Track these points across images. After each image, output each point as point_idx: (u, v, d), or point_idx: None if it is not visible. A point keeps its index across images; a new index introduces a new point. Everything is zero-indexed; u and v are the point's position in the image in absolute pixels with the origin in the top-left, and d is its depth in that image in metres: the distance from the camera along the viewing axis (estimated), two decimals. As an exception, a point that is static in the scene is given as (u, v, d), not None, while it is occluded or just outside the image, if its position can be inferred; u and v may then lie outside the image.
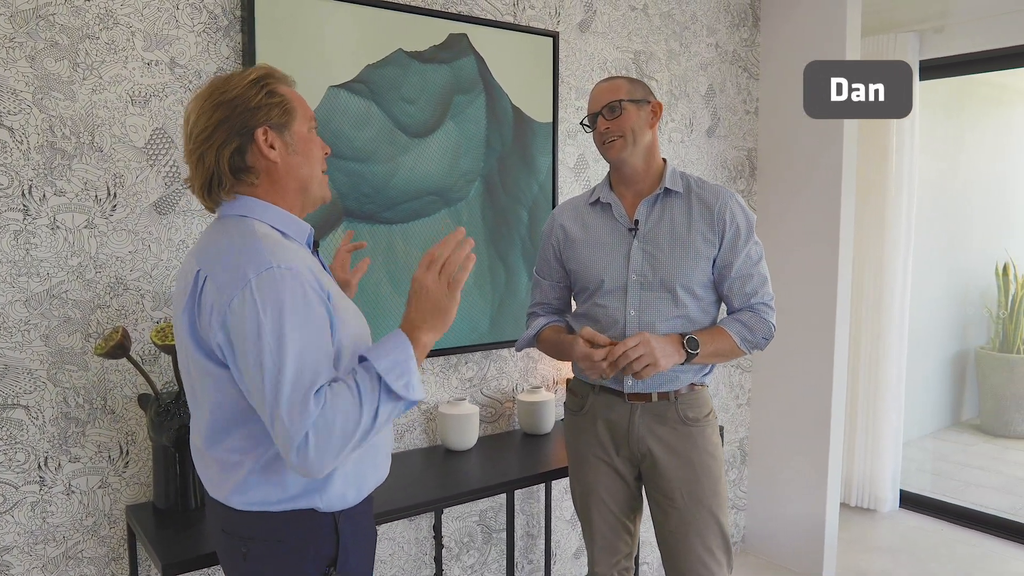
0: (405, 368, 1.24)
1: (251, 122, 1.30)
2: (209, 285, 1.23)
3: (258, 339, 1.17)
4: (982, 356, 5.31)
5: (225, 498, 1.33)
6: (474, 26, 2.44)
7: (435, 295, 1.29)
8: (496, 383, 2.67)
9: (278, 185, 1.35)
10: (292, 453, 1.16)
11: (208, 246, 1.30)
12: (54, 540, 1.88)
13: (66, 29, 1.81)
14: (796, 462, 3.33)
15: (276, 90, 1.34)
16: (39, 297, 1.82)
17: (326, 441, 1.17)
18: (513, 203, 2.60)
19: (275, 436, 1.18)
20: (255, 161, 1.32)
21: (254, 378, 1.18)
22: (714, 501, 1.97)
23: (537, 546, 2.83)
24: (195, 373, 1.29)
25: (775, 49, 3.28)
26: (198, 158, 1.31)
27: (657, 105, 1.96)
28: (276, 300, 1.19)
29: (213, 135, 1.29)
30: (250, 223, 1.31)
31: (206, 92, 1.32)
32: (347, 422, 1.18)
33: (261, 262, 1.21)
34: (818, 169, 3.16)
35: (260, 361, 1.17)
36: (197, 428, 1.33)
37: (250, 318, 1.18)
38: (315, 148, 1.40)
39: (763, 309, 1.96)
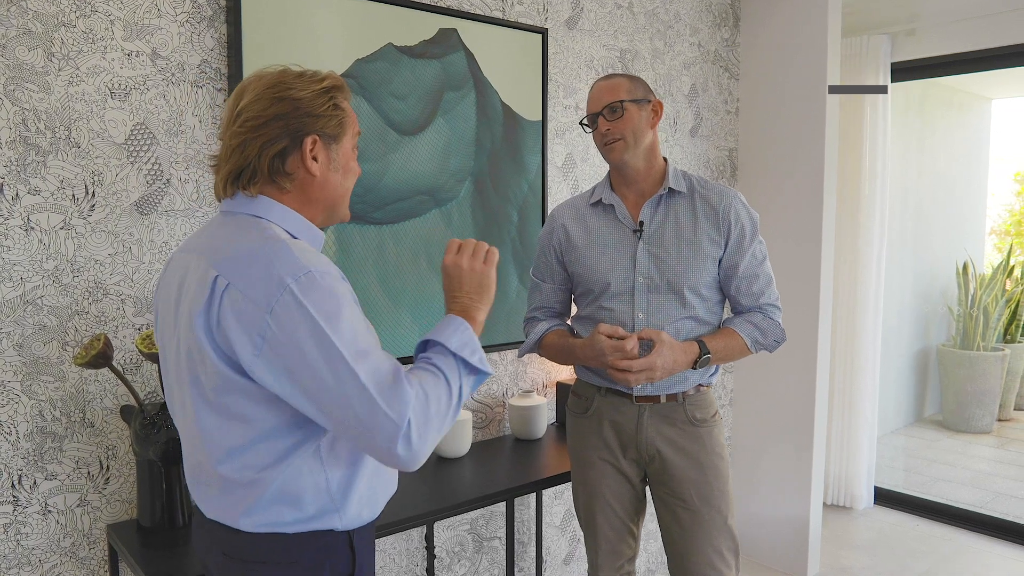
0: (475, 344, 1.25)
1: (306, 127, 1.22)
2: (233, 294, 1.13)
3: (322, 345, 1.09)
4: (944, 353, 5.43)
5: (234, 520, 1.22)
6: (464, 21, 2.38)
7: (476, 273, 1.33)
8: (486, 388, 2.60)
9: (307, 197, 1.27)
10: (399, 444, 1.09)
11: (222, 247, 1.19)
12: (29, 564, 1.75)
13: (40, 16, 1.69)
14: (779, 462, 3.33)
15: (340, 104, 1.27)
16: (12, 303, 1.70)
17: (425, 425, 1.13)
18: (503, 203, 2.54)
19: (371, 436, 1.10)
20: (295, 168, 1.24)
21: (328, 384, 1.10)
22: (723, 502, 1.94)
23: (528, 553, 2.77)
24: (217, 386, 1.17)
25: (755, 49, 3.29)
26: (240, 143, 1.21)
27: (658, 104, 1.92)
28: (326, 302, 1.12)
29: (264, 127, 1.20)
30: (265, 224, 1.22)
31: (272, 79, 1.23)
32: (439, 403, 1.16)
33: (297, 267, 1.12)
34: (799, 168, 3.17)
35: (332, 366, 1.09)
36: (205, 444, 1.23)
37: (301, 326, 1.09)
38: (354, 167, 1.34)
39: (772, 311, 1.95)
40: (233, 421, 1.18)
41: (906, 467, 4.90)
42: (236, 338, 1.12)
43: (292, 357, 1.10)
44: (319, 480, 1.22)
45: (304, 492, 1.21)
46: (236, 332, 1.12)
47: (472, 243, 1.36)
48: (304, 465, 1.20)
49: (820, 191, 3.11)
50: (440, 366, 1.20)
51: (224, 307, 1.13)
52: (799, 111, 3.14)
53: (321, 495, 1.23)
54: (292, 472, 1.20)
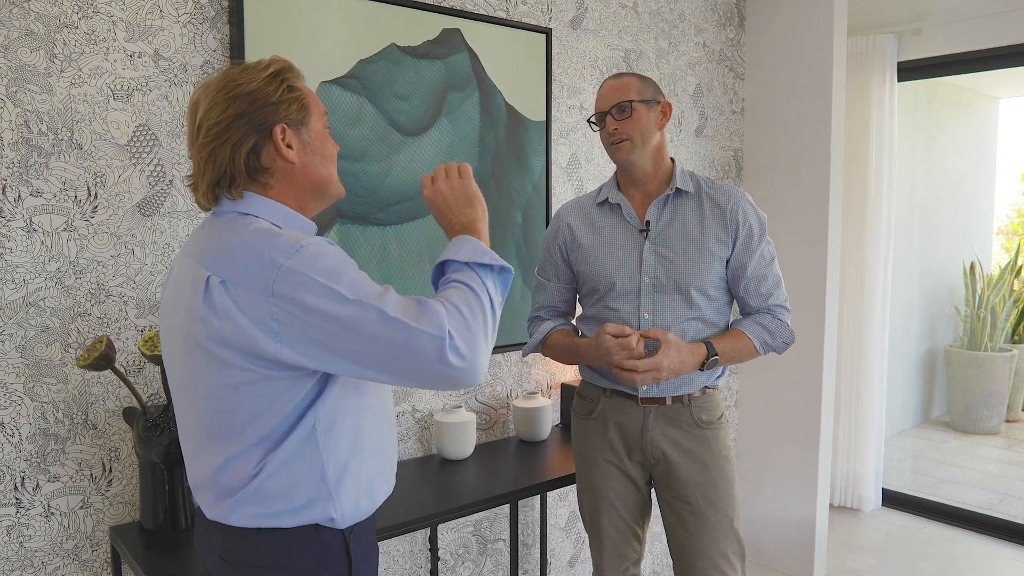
0: (483, 249, 1.25)
1: (270, 118, 1.21)
2: (232, 290, 1.12)
3: (335, 300, 1.09)
4: (951, 354, 5.40)
5: (224, 515, 1.22)
6: (467, 21, 2.37)
7: (456, 189, 1.33)
8: (490, 389, 2.59)
9: (293, 186, 1.26)
10: (449, 355, 1.09)
11: (211, 247, 1.18)
12: (32, 566, 1.75)
13: (42, 17, 1.69)
14: (785, 463, 3.31)
15: (295, 85, 1.25)
16: (14, 305, 1.69)
17: (468, 332, 1.13)
18: (507, 203, 2.53)
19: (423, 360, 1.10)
20: (271, 161, 1.22)
21: (360, 335, 1.09)
22: (728, 504, 1.92)
23: (532, 555, 2.76)
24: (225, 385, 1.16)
25: (760, 49, 3.27)
26: (209, 154, 1.20)
27: (667, 105, 1.91)
28: (324, 265, 1.11)
29: (228, 130, 1.19)
30: (251, 220, 1.20)
31: (219, 82, 1.21)
32: (473, 310, 1.15)
33: (287, 246, 1.12)
34: (805, 169, 3.15)
35: (355, 315, 1.09)
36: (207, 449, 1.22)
37: (308, 291, 1.09)
38: (331, 146, 1.32)
39: (780, 312, 1.93)
40: (238, 423, 1.17)
41: (914, 468, 4.87)
42: (247, 328, 1.12)
43: (311, 325, 1.10)
44: (314, 465, 1.20)
45: (297, 479, 1.20)
46: (245, 323, 1.12)
47: (441, 168, 1.35)
48: (298, 450, 1.19)
49: (826, 191, 3.09)
50: (459, 279, 1.20)
51: (224, 303, 1.12)
52: (805, 111, 3.13)
53: (315, 482, 1.21)
54: (286, 459, 1.19)
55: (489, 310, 1.19)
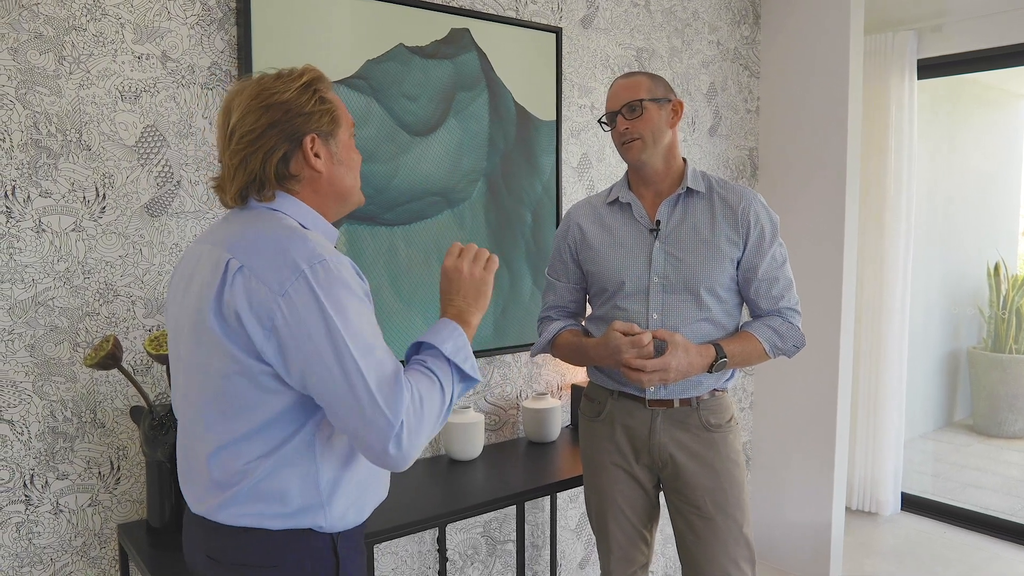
0: (467, 351, 1.27)
1: (302, 129, 1.24)
2: (246, 275, 1.14)
3: (328, 333, 1.11)
4: (975, 356, 5.30)
5: (213, 511, 1.22)
6: (476, 20, 2.36)
7: (475, 279, 1.34)
8: (500, 390, 2.58)
9: (319, 194, 1.29)
10: (391, 444, 1.11)
11: (236, 234, 1.21)
12: (41, 563, 1.77)
13: (51, 20, 1.71)
14: (801, 466, 3.27)
15: (326, 96, 1.28)
16: (24, 305, 1.71)
17: (419, 426, 1.15)
18: (516, 204, 2.52)
19: (365, 430, 1.12)
20: (299, 170, 1.26)
21: (332, 374, 1.12)
22: (738, 509, 1.90)
23: (542, 556, 2.74)
24: (223, 371, 1.17)
25: (776, 47, 3.23)
26: (241, 160, 1.22)
27: (678, 103, 1.89)
28: (337, 292, 1.14)
29: (261, 138, 1.21)
30: (281, 216, 1.24)
31: (254, 90, 1.24)
32: (432, 406, 1.17)
33: (312, 254, 1.14)
34: (821, 168, 3.11)
35: (338, 356, 1.11)
36: (201, 433, 1.22)
37: (312, 312, 1.12)
38: (356, 156, 1.35)
39: (791, 315, 1.91)
40: (234, 410, 1.18)
41: (935, 472, 4.79)
42: (247, 319, 1.14)
43: (300, 342, 1.12)
44: (309, 473, 1.21)
45: (291, 485, 1.21)
46: (247, 313, 1.14)
47: (473, 248, 1.37)
48: (295, 457, 1.20)
49: (842, 191, 3.05)
50: (434, 370, 1.21)
51: (236, 288, 1.14)
52: (821, 109, 3.08)
53: (309, 490, 1.22)
54: (282, 464, 1.19)
55: (445, 411, 1.21)
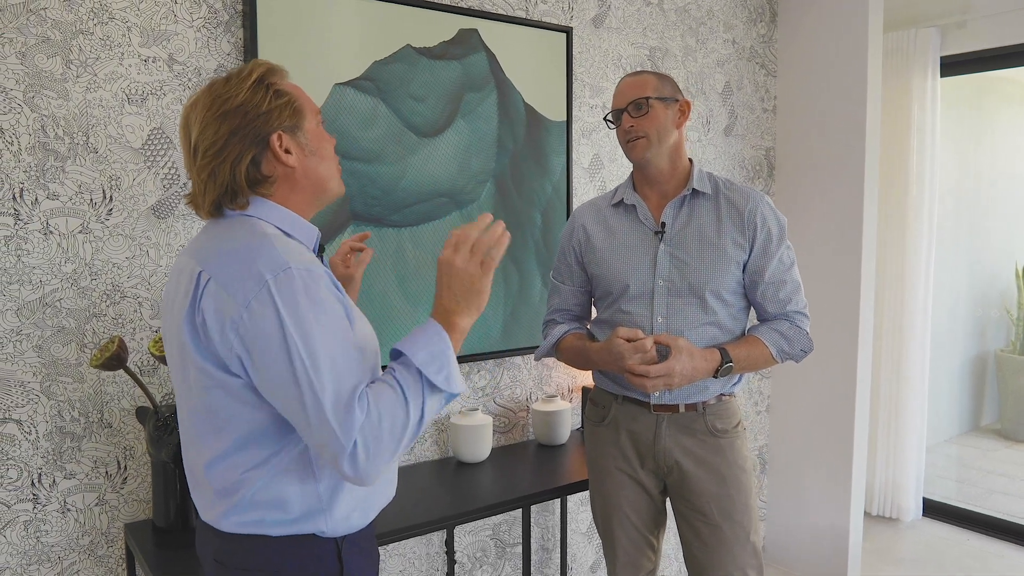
0: (444, 360, 1.17)
1: (264, 129, 1.20)
2: (214, 288, 1.13)
3: (286, 347, 1.08)
4: (1002, 359, 5.18)
5: (217, 520, 1.23)
6: (485, 21, 2.35)
7: (468, 274, 1.21)
8: (509, 392, 2.57)
9: (295, 189, 1.26)
10: (344, 463, 1.08)
11: (208, 245, 1.20)
12: (49, 561, 1.79)
13: (58, 24, 1.73)
14: (818, 470, 3.22)
15: (281, 88, 1.24)
16: (31, 306, 1.73)
17: (376, 445, 1.10)
18: (526, 205, 2.50)
19: (320, 447, 1.10)
20: (272, 170, 1.23)
21: (287, 389, 1.09)
22: (745, 516, 1.87)
23: (552, 560, 2.73)
24: (202, 385, 1.18)
25: (793, 45, 3.18)
26: (209, 174, 1.20)
27: (685, 103, 1.87)
28: (299, 304, 1.10)
29: (225, 149, 1.18)
30: (255, 222, 1.21)
31: (206, 100, 1.20)
32: (395, 423, 1.11)
33: (277, 263, 1.12)
34: (839, 168, 3.06)
35: (293, 371, 1.08)
36: (197, 446, 1.23)
37: (272, 324, 1.09)
38: (327, 143, 1.31)
39: (799, 319, 1.87)
40: (219, 423, 1.18)
41: (959, 478, 4.69)
42: (215, 332, 1.13)
43: (260, 355, 1.11)
44: (307, 481, 1.21)
45: (290, 493, 1.20)
46: (215, 326, 1.13)
47: (471, 237, 1.22)
48: (292, 464, 1.20)
49: (860, 191, 2.99)
50: (401, 382, 1.14)
51: (207, 301, 1.14)
52: (840, 108, 3.03)
53: (309, 496, 1.21)
54: (278, 472, 1.19)
55: (412, 427, 1.13)
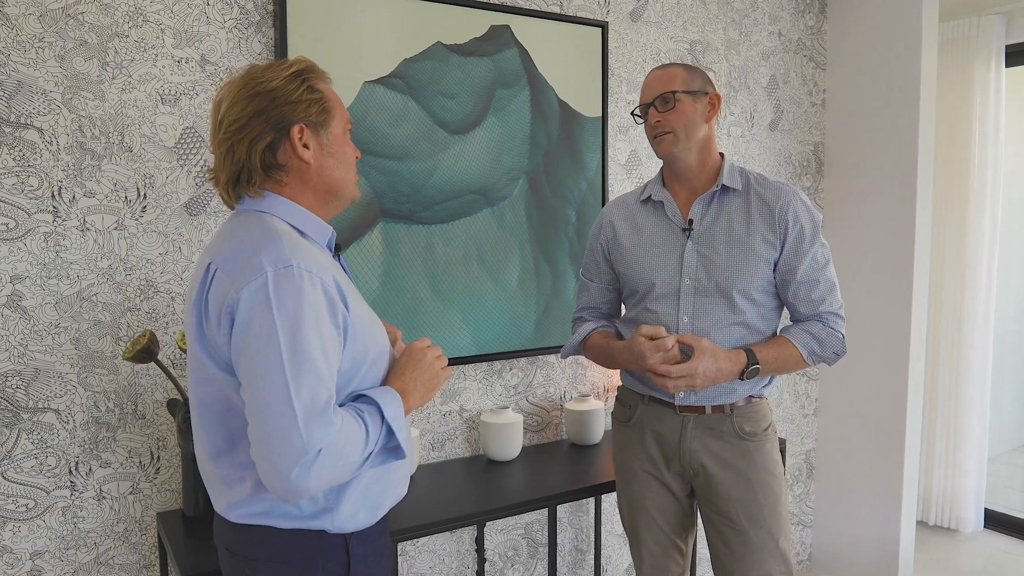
0: (402, 422, 1.23)
1: (288, 117, 1.22)
2: (219, 277, 1.15)
3: (270, 340, 1.09)
4: (1076, 364, 4.91)
5: (225, 511, 1.25)
6: (517, 17, 2.33)
7: (432, 369, 1.32)
8: (543, 390, 2.55)
9: (307, 186, 1.28)
10: (296, 468, 1.06)
11: (222, 239, 1.23)
12: (85, 546, 1.85)
13: (95, 28, 1.78)
14: (868, 476, 3.11)
15: (316, 86, 1.27)
16: (69, 300, 1.80)
17: (332, 463, 1.10)
18: (560, 202, 2.48)
19: (274, 451, 1.07)
20: (287, 159, 1.25)
21: (261, 381, 1.08)
22: (774, 522, 1.81)
23: (586, 561, 2.70)
24: (201, 378, 1.21)
25: (844, 37, 3.07)
26: (228, 149, 1.23)
27: (715, 97, 1.81)
28: (294, 302, 1.10)
29: (247, 127, 1.21)
30: (268, 218, 1.23)
31: (242, 80, 1.24)
32: (352, 452, 1.13)
33: (280, 257, 1.13)
34: (892, 164, 2.94)
35: (269, 365, 1.08)
36: (201, 438, 1.26)
37: (261, 314, 1.09)
38: (350, 151, 1.33)
39: (833, 320, 1.79)
40: (217, 417, 1.20)
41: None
42: (213, 317, 1.15)
43: (241, 338, 1.11)
44: None
45: None
46: (213, 312, 1.15)
47: (439, 349, 1.37)
48: None
49: (914, 188, 2.87)
50: (367, 421, 1.16)
51: (211, 293, 1.16)
52: (893, 101, 2.91)
53: (315, 495, 1.22)
54: None
55: (357, 465, 1.15)
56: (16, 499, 1.77)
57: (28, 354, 1.76)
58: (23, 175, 1.73)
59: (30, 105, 1.73)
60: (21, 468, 1.77)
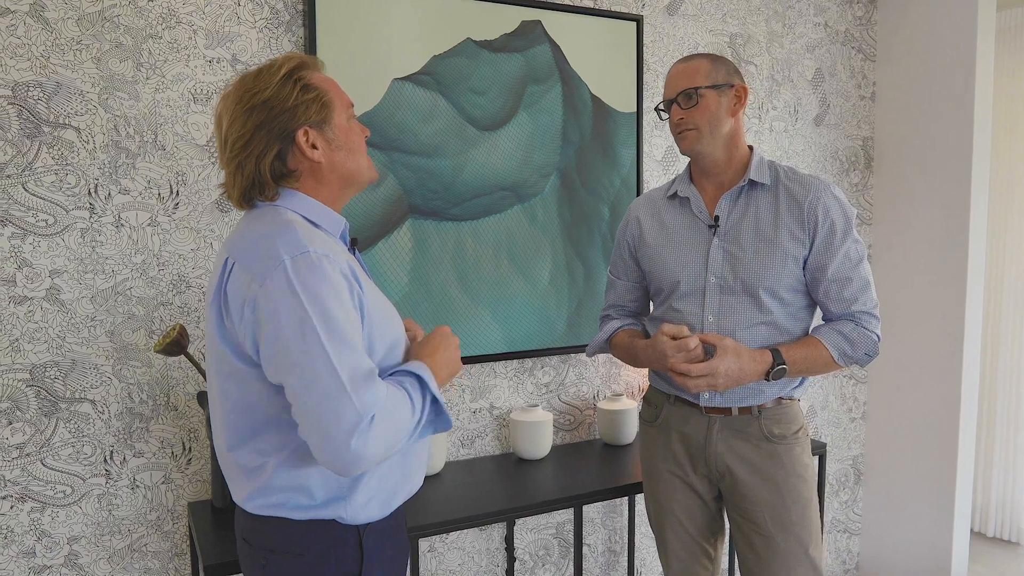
0: (439, 394, 1.24)
1: (290, 124, 1.23)
2: (237, 271, 1.16)
3: (303, 322, 1.09)
4: None
5: (243, 501, 1.27)
6: (549, 12, 2.32)
7: (457, 354, 1.35)
8: (575, 389, 2.53)
9: (322, 182, 1.29)
10: (353, 438, 1.06)
11: (238, 234, 1.24)
12: (119, 532, 1.91)
13: (130, 30, 1.84)
14: (919, 483, 2.99)
15: (310, 83, 1.26)
16: (104, 294, 1.86)
17: (386, 428, 1.10)
18: (593, 198, 2.45)
19: (328, 423, 1.07)
20: (297, 164, 1.26)
21: (300, 363, 1.09)
22: (803, 529, 1.75)
23: (620, 563, 2.66)
24: (221, 371, 1.23)
25: (896, 27, 2.96)
26: (236, 167, 1.24)
27: (741, 88, 1.75)
28: (316, 283, 1.12)
29: (251, 143, 1.22)
30: (282, 211, 1.24)
31: (236, 93, 1.24)
32: (402, 418, 1.14)
33: (296, 245, 1.14)
34: (946, 159, 2.82)
35: (308, 346, 1.09)
36: (222, 429, 1.28)
37: (287, 300, 1.10)
38: (357, 137, 1.32)
39: (866, 319, 1.72)
40: (240, 408, 1.21)
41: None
42: (234, 312, 1.16)
43: (272, 328, 1.11)
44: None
45: (311, 478, 1.22)
46: (234, 306, 1.16)
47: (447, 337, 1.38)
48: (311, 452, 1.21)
49: (968, 183, 2.74)
50: (410, 392, 1.18)
51: (230, 286, 1.17)
52: (946, 93, 2.79)
53: (329, 482, 1.23)
54: (299, 457, 1.21)
55: (412, 429, 1.16)
56: (54, 485, 1.84)
57: (66, 346, 1.82)
58: (61, 173, 1.79)
59: (68, 106, 1.79)
60: (59, 456, 1.84)
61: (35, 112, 1.76)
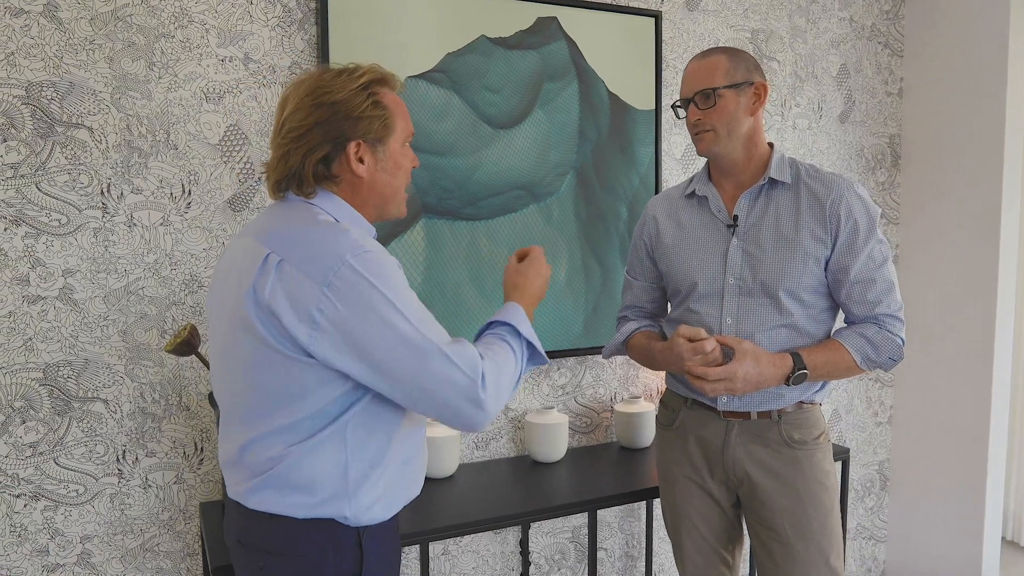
0: (533, 334, 1.33)
1: (348, 132, 1.23)
2: (289, 269, 1.14)
3: (388, 312, 1.13)
4: None
5: (244, 495, 1.24)
6: (565, 8, 2.28)
7: (545, 284, 1.45)
8: (592, 391, 2.49)
9: (357, 195, 1.29)
10: (479, 390, 1.16)
11: (273, 227, 1.21)
12: (132, 532, 1.91)
13: (143, 29, 1.83)
14: (947, 489, 2.91)
15: (382, 100, 1.26)
16: (117, 293, 1.86)
17: (498, 378, 1.20)
18: (610, 197, 2.41)
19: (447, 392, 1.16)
20: (340, 171, 1.26)
21: (399, 350, 1.14)
22: (824, 538, 1.70)
23: (637, 568, 2.62)
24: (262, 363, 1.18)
25: (924, 21, 2.88)
26: (283, 154, 1.24)
27: (761, 86, 1.70)
28: (387, 275, 1.15)
29: (305, 136, 1.22)
30: (317, 211, 1.23)
31: (310, 85, 1.24)
32: (507, 365, 1.24)
33: (355, 245, 1.15)
34: (977, 156, 2.73)
35: (402, 332, 1.14)
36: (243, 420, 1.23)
37: (364, 294, 1.12)
38: (405, 164, 1.33)
39: (890, 322, 1.66)
40: (270, 402, 1.18)
41: None
42: (285, 313, 1.13)
43: (356, 329, 1.13)
44: (338, 464, 1.20)
45: (319, 474, 1.20)
46: (286, 308, 1.13)
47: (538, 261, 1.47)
48: (327, 447, 1.19)
49: (999, 181, 2.66)
50: (510, 342, 1.28)
51: (276, 283, 1.14)
52: (978, 89, 2.71)
53: (336, 479, 1.21)
54: (311, 452, 1.19)
55: (516, 379, 1.27)
56: (67, 484, 1.84)
57: (78, 345, 1.83)
58: (74, 172, 1.79)
59: (81, 105, 1.79)
60: (72, 455, 1.84)
61: (48, 112, 1.76)
